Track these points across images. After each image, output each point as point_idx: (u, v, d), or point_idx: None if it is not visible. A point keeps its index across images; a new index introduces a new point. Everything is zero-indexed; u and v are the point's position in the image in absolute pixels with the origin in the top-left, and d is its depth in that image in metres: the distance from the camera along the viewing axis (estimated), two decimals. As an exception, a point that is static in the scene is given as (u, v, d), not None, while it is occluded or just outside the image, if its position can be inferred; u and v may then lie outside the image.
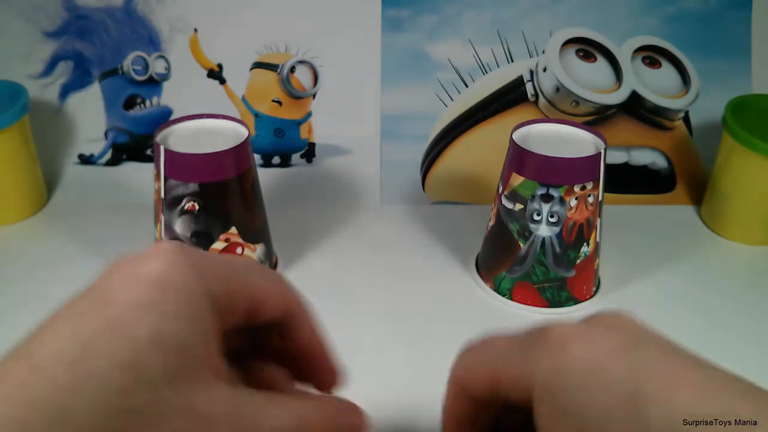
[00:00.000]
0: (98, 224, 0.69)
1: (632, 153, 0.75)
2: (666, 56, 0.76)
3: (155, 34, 0.75)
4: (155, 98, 0.76)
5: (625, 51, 0.76)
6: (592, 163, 0.54)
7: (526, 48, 0.75)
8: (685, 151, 0.76)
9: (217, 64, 0.75)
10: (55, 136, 0.76)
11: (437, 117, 0.75)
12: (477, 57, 0.75)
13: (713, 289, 0.62)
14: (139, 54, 0.75)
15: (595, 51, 0.76)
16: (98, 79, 0.76)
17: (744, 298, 0.61)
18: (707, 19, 0.76)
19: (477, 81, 0.75)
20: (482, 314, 0.58)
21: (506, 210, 0.56)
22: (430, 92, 0.75)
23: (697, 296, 0.61)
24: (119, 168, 0.75)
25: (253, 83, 0.75)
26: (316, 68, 0.75)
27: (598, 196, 0.55)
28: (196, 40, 0.75)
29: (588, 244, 0.56)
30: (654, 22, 0.76)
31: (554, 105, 0.75)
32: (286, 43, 0.75)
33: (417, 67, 0.75)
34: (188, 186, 0.53)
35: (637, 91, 0.75)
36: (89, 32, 0.75)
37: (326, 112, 0.76)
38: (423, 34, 0.75)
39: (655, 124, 0.76)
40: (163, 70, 0.75)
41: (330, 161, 0.75)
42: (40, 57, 0.75)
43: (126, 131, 0.76)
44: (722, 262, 0.66)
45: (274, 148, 0.76)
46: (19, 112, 0.67)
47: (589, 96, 0.74)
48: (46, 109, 0.75)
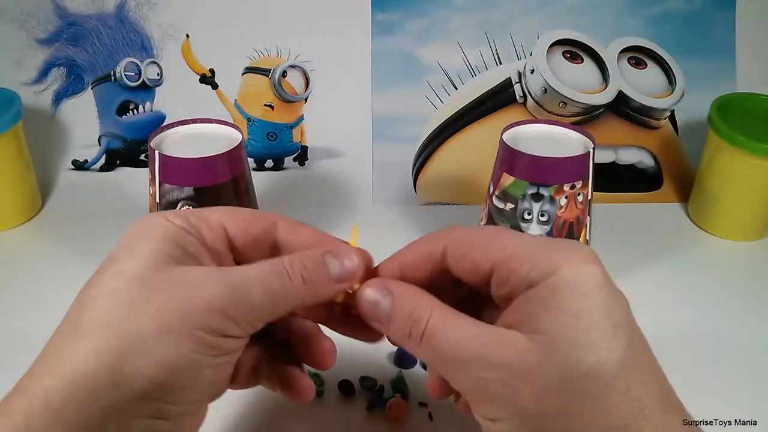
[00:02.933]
0: (93, 230, 0.69)
1: (619, 152, 0.76)
2: (651, 57, 0.77)
3: (147, 40, 0.76)
4: (148, 104, 0.76)
5: (611, 52, 0.77)
6: (581, 162, 0.54)
7: (513, 50, 0.76)
8: (671, 150, 0.77)
9: (210, 69, 0.76)
10: (49, 142, 0.76)
11: (428, 119, 0.76)
12: (466, 59, 0.76)
13: (701, 285, 0.63)
14: (131, 60, 0.76)
15: (581, 52, 0.77)
16: (91, 86, 0.76)
17: (731, 293, 0.62)
18: (691, 20, 0.77)
19: (466, 83, 0.76)
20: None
21: (497, 210, 0.57)
22: (421, 95, 0.76)
23: (685, 291, 0.62)
24: (113, 173, 0.76)
25: (245, 88, 0.76)
26: (308, 72, 0.76)
27: (588, 195, 0.56)
28: (188, 45, 0.76)
29: (578, 241, 0.57)
30: (639, 23, 0.77)
31: (542, 106, 0.76)
32: (278, 48, 0.76)
33: (407, 70, 0.76)
34: (183, 190, 0.54)
35: (624, 92, 0.76)
36: (82, 39, 0.75)
37: (318, 116, 0.76)
38: (412, 38, 0.76)
39: (642, 123, 0.77)
40: (155, 75, 0.76)
41: (322, 164, 0.76)
42: (33, 64, 0.76)
43: (119, 137, 0.76)
44: (710, 258, 0.67)
45: (267, 151, 0.76)
46: (13, 119, 0.67)
47: (576, 97, 0.76)
48: (40, 115, 0.76)
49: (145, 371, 0.26)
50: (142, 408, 0.27)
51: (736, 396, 0.50)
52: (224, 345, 0.29)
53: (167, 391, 0.27)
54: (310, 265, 0.31)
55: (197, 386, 0.28)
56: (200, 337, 0.28)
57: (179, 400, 0.28)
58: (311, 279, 0.31)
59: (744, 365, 0.54)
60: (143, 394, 0.27)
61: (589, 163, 0.55)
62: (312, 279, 0.31)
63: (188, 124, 0.58)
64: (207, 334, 0.28)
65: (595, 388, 0.26)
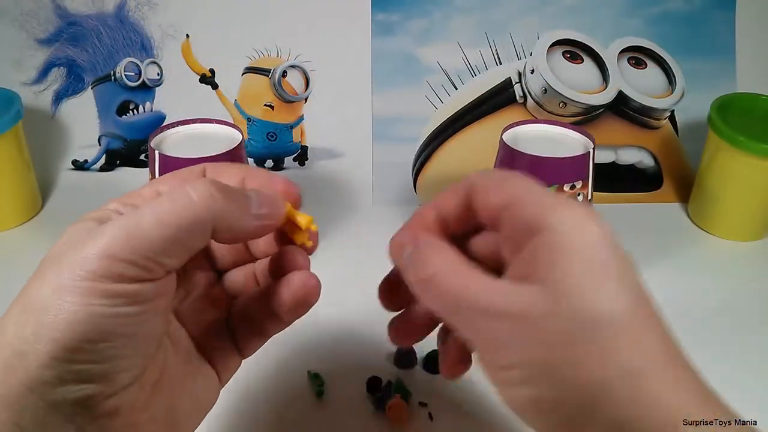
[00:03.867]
0: (93, 229, 0.69)
1: (619, 152, 0.76)
2: (651, 57, 0.77)
3: (147, 40, 0.76)
4: (148, 104, 0.76)
5: (611, 52, 0.77)
6: (581, 162, 0.55)
7: (513, 50, 0.77)
8: (671, 150, 0.77)
9: (210, 69, 0.76)
10: (49, 142, 0.76)
11: (428, 119, 0.76)
12: (466, 60, 0.76)
13: (701, 285, 0.63)
14: (131, 60, 0.76)
15: (581, 52, 0.77)
16: (91, 86, 0.76)
17: (731, 293, 0.62)
18: (691, 20, 0.77)
19: (466, 83, 0.76)
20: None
21: (497, 210, 0.57)
22: (421, 95, 0.76)
23: (685, 291, 0.62)
24: (113, 173, 0.76)
25: (245, 88, 0.76)
26: (308, 72, 0.76)
27: (588, 195, 0.56)
28: (188, 45, 0.76)
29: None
30: (639, 23, 0.77)
31: (542, 106, 0.76)
32: (278, 48, 0.76)
33: (407, 71, 0.76)
34: (183, 190, 0.54)
35: (624, 92, 0.76)
36: (82, 39, 0.75)
37: (318, 116, 0.76)
38: (412, 38, 0.76)
39: (642, 123, 0.77)
40: (155, 75, 0.76)
41: (322, 164, 0.76)
42: (33, 64, 0.76)
43: (119, 137, 0.76)
44: (710, 258, 0.67)
45: (267, 151, 0.76)
46: (13, 119, 0.67)
47: (576, 97, 0.76)
48: (40, 115, 0.76)
49: (45, 331, 0.25)
50: (60, 374, 0.26)
51: (737, 396, 0.50)
52: (128, 291, 0.27)
53: (79, 349, 0.26)
54: (221, 186, 0.29)
55: (116, 340, 0.26)
56: (93, 287, 0.26)
57: (99, 357, 0.26)
58: (223, 198, 0.28)
59: (744, 365, 0.54)
60: (53, 358, 0.25)
61: (589, 163, 0.55)
62: (225, 199, 0.28)
63: (188, 124, 0.58)
64: (100, 282, 0.26)
65: (606, 335, 0.26)
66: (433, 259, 0.30)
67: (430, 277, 0.29)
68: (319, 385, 0.51)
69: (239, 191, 0.30)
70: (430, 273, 0.29)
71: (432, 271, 0.29)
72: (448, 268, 0.29)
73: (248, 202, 0.30)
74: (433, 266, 0.29)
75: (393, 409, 0.48)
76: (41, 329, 0.26)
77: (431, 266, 0.29)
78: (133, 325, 0.27)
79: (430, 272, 0.29)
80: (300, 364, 0.53)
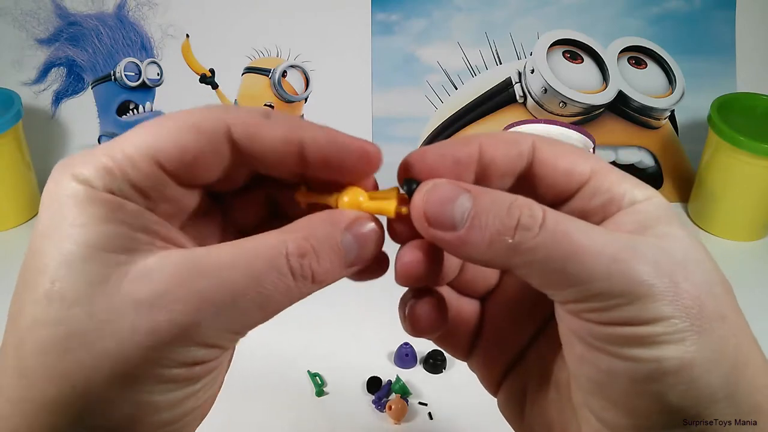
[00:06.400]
0: (93, 229, 0.69)
1: (619, 152, 0.76)
2: (651, 56, 0.77)
3: (147, 40, 0.76)
4: (148, 104, 0.76)
5: (611, 52, 0.77)
6: (580, 162, 0.54)
7: (513, 50, 0.77)
8: (671, 150, 0.77)
9: (210, 69, 0.76)
10: (49, 142, 0.76)
11: (428, 119, 0.76)
12: (466, 59, 0.76)
13: (701, 285, 0.63)
14: (131, 60, 0.76)
15: (581, 52, 0.77)
16: (91, 86, 0.76)
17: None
18: (691, 20, 0.77)
19: (466, 83, 0.76)
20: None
21: (497, 209, 0.57)
22: (421, 95, 0.76)
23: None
24: (113, 173, 0.76)
25: (245, 88, 0.76)
26: (308, 72, 0.76)
27: (587, 195, 0.56)
28: (188, 45, 0.76)
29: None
30: (639, 23, 0.77)
31: (542, 106, 0.76)
32: (278, 48, 0.76)
33: (407, 70, 0.76)
34: (183, 190, 0.54)
35: (624, 91, 0.76)
36: (82, 39, 0.76)
37: (318, 116, 0.76)
38: (412, 38, 0.76)
39: (642, 123, 0.77)
40: (155, 75, 0.76)
41: (322, 164, 0.76)
42: (33, 64, 0.76)
43: (119, 137, 0.76)
44: (709, 258, 0.67)
45: (267, 151, 0.76)
46: (13, 119, 0.67)
47: (576, 96, 0.76)
48: (40, 115, 0.76)
49: (106, 424, 0.22)
50: None
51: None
52: (192, 374, 0.23)
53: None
54: (324, 253, 0.24)
55: (162, 414, 0.23)
56: (161, 375, 0.22)
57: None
58: (322, 277, 0.24)
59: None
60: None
61: (589, 163, 0.55)
62: (323, 277, 0.24)
63: (188, 124, 0.58)
64: (169, 369, 0.22)
65: (734, 303, 0.26)
66: (520, 200, 0.23)
67: (540, 218, 0.23)
68: (319, 385, 0.51)
69: (341, 262, 0.25)
70: (538, 215, 0.23)
71: (538, 213, 0.23)
72: (553, 212, 0.23)
73: (344, 266, 0.25)
74: (532, 206, 0.23)
75: (393, 409, 0.48)
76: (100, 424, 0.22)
77: (530, 206, 0.23)
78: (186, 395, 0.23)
79: (537, 214, 0.23)
80: (300, 364, 0.53)
